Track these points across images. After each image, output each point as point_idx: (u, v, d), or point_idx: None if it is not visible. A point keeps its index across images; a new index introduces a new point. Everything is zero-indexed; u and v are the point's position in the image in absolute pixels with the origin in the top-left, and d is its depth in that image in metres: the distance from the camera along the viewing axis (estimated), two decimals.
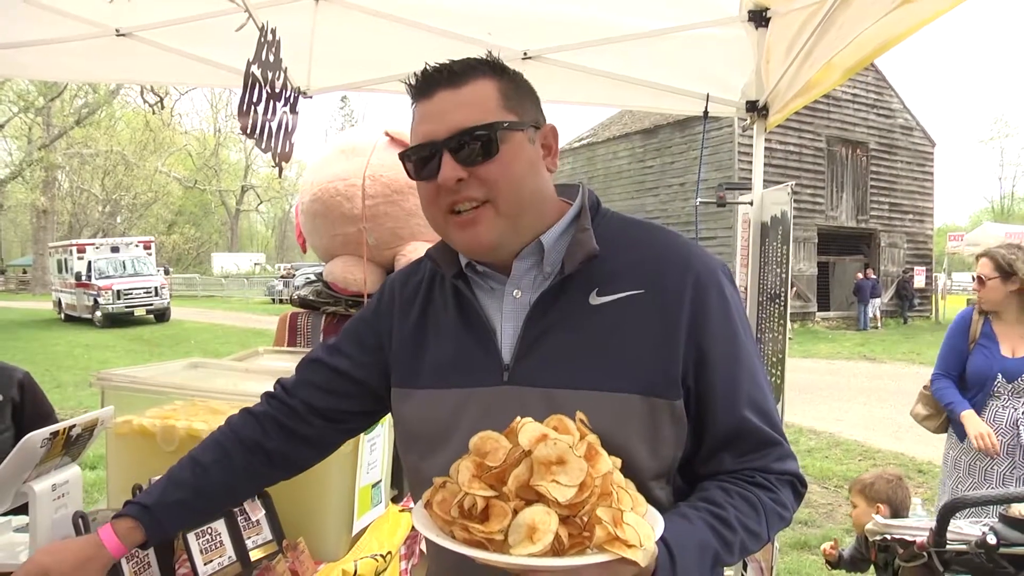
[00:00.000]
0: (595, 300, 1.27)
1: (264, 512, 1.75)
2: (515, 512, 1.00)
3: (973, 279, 3.74)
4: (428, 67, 1.30)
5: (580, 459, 1.01)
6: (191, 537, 1.59)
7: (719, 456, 1.27)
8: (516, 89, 1.32)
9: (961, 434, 3.65)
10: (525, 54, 3.18)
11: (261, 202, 61.02)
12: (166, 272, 29.84)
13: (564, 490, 0.99)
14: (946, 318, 25.70)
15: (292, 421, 1.45)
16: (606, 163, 27.51)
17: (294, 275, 3.31)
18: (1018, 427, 3.49)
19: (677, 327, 1.24)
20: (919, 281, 26.71)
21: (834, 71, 2.35)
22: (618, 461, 1.09)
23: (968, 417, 3.57)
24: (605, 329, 1.25)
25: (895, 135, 26.83)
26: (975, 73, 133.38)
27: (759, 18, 2.75)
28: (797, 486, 1.31)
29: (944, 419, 3.79)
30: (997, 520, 2.39)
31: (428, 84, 1.29)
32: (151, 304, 24.47)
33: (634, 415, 1.21)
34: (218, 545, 1.64)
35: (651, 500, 1.18)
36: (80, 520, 1.50)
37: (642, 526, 1.01)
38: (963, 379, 3.72)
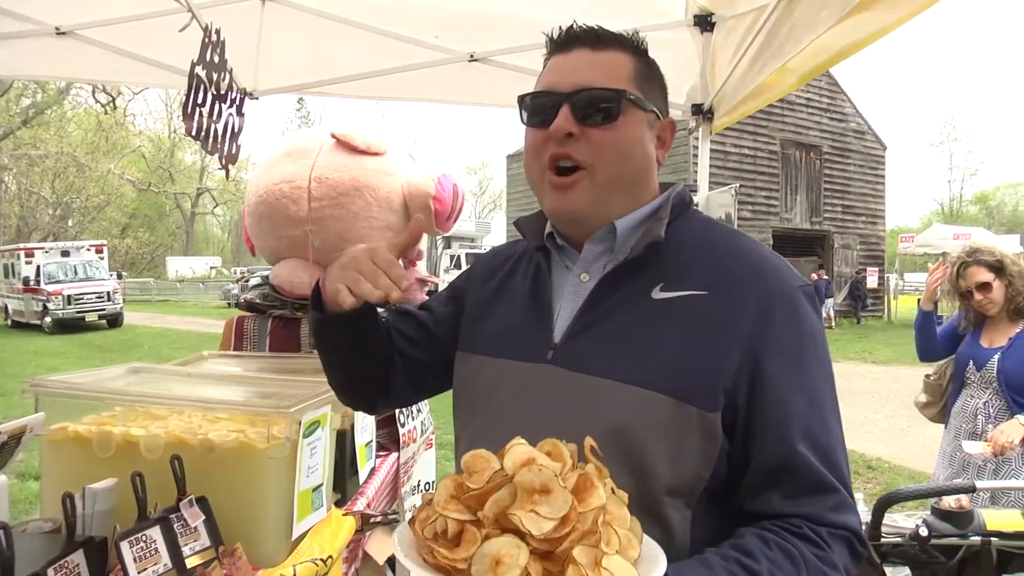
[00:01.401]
0: (657, 295, 1.23)
1: (203, 518, 1.72)
2: (486, 539, 0.91)
3: (962, 293, 3.76)
4: (574, 24, 1.31)
5: (565, 490, 0.92)
6: (124, 545, 1.55)
7: (767, 494, 1.14)
8: (650, 73, 1.33)
9: (949, 424, 3.79)
10: (472, 56, 3.18)
11: (217, 205, 60.08)
12: (119, 276, 29.22)
13: (541, 522, 0.89)
14: (898, 318, 26.21)
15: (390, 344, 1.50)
16: None
17: (249, 279, 3.26)
18: (977, 417, 3.59)
19: (733, 336, 1.16)
20: (872, 281, 27.24)
21: (789, 76, 2.39)
22: (624, 496, 1.00)
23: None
24: (659, 325, 1.21)
25: (848, 139, 27.37)
26: (925, 78, 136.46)
27: (704, 23, 2.79)
28: (855, 544, 1.14)
29: (942, 407, 3.89)
30: (929, 513, 2.46)
31: (568, 39, 1.30)
32: (103, 309, 23.95)
33: (661, 418, 1.15)
34: (153, 553, 1.61)
35: (660, 519, 1.14)
36: (2, 532, 1.46)
37: (625, 573, 0.90)
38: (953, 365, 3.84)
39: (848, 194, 27.41)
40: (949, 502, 2.42)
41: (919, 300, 4.01)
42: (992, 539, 2.38)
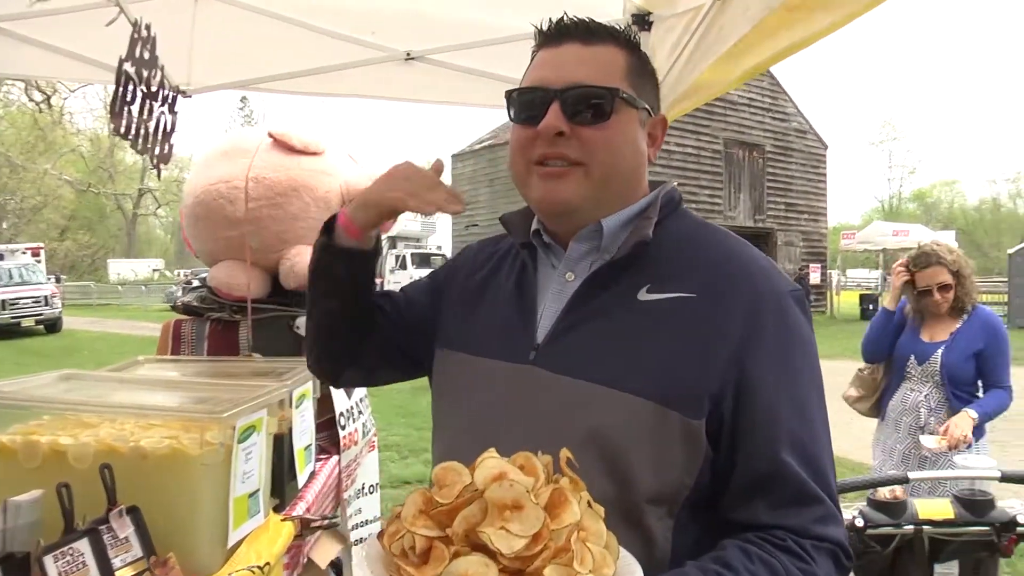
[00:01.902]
0: (644, 296, 1.19)
1: (133, 528, 1.67)
2: (455, 557, 0.87)
3: (915, 290, 3.79)
4: (564, 16, 1.26)
5: (537, 507, 0.88)
6: (48, 560, 1.50)
7: (752, 504, 1.11)
8: (642, 69, 1.29)
9: (886, 416, 3.86)
10: (408, 55, 3.16)
11: (160, 206, 58.86)
12: (57, 280, 28.46)
13: (511, 540, 0.85)
14: (840, 313, 26.82)
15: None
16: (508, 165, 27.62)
17: (193, 281, 3.19)
18: (919, 409, 3.67)
19: (721, 341, 1.13)
20: (815, 278, 27.82)
21: (726, 75, 2.41)
22: (600, 510, 0.96)
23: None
24: (645, 328, 1.17)
25: (790, 138, 27.91)
26: (865, 79, 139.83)
27: (642, 22, 2.80)
28: (840, 557, 1.10)
29: (875, 401, 3.95)
30: (865, 503, 2.51)
31: (559, 33, 1.26)
32: (40, 314, 23.25)
33: (643, 423, 1.11)
34: (80, 566, 1.55)
35: (641, 527, 1.11)
36: None
37: None
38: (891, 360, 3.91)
39: (791, 192, 27.96)
40: (884, 493, 2.47)
41: (880, 299, 4.09)
42: (924, 528, 2.44)
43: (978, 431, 3.63)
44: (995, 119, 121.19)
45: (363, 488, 3.08)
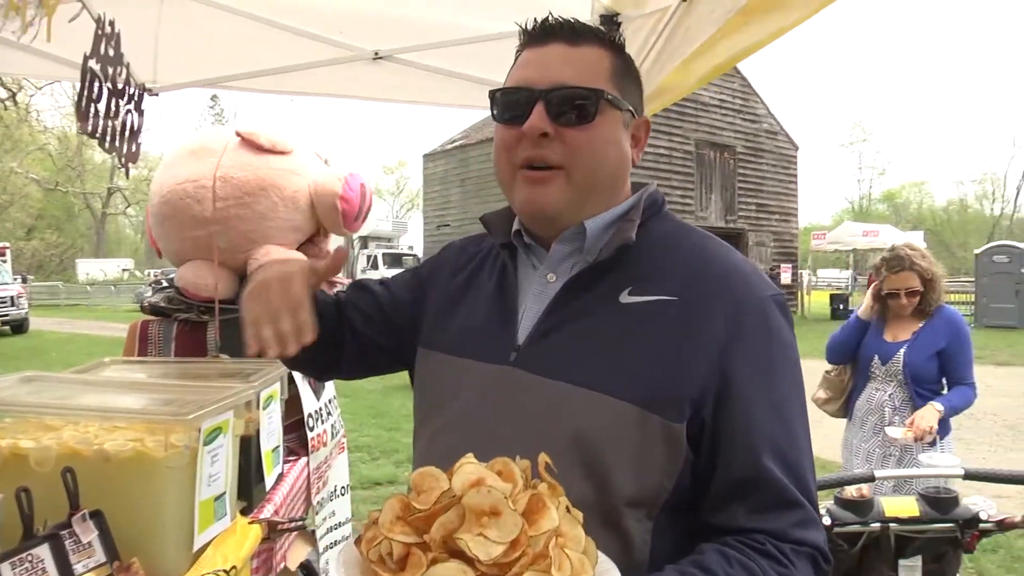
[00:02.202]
0: (625, 299, 1.19)
1: (96, 532, 1.65)
2: (432, 564, 0.86)
3: (883, 292, 3.83)
4: (549, 16, 1.25)
5: (515, 513, 0.87)
6: (6, 567, 1.47)
7: (731, 508, 1.11)
8: (627, 70, 1.28)
9: (853, 416, 3.91)
10: (376, 54, 3.15)
11: (129, 205, 58.06)
12: (23, 280, 28.01)
13: (489, 546, 0.84)
14: (811, 312, 27.09)
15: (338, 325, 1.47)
16: (480, 165, 27.58)
17: (163, 281, 3.15)
18: (884, 408, 3.72)
19: (703, 345, 1.13)
20: (786, 278, 28.06)
21: (690, 76, 2.43)
22: (579, 515, 0.95)
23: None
24: (627, 330, 1.16)
25: (761, 139, 28.14)
26: (835, 81, 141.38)
27: (610, 23, 2.81)
28: (819, 561, 1.10)
29: (843, 402, 3.99)
30: (832, 502, 2.53)
31: (544, 32, 1.25)
32: (6, 315, 22.86)
33: (625, 427, 1.11)
34: (40, 573, 1.52)
35: (619, 530, 1.10)
36: None
37: None
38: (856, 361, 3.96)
39: (762, 193, 28.19)
40: (851, 491, 2.50)
41: (851, 299, 4.13)
42: (891, 525, 2.46)
43: (943, 429, 3.69)
44: (962, 121, 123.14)
45: (335, 490, 3.06)
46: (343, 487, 3.16)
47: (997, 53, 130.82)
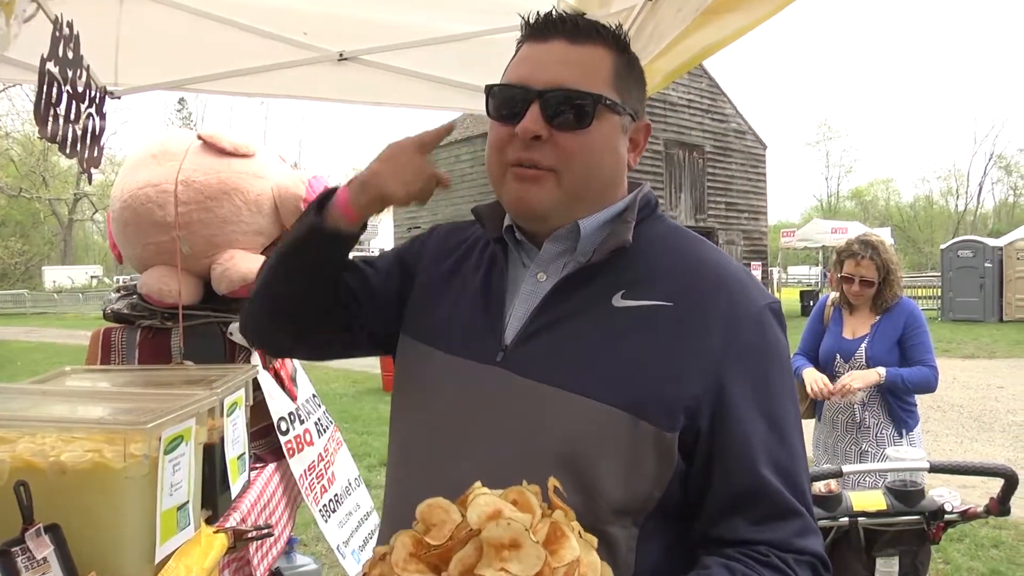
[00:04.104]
0: (619, 303, 1.16)
1: (52, 547, 1.60)
2: None
3: (830, 274, 3.89)
4: (553, 11, 1.21)
5: (537, 545, 0.83)
6: None
7: (731, 520, 1.09)
8: (630, 72, 1.24)
9: (822, 416, 3.94)
10: (341, 55, 3.13)
11: (97, 211, 57.18)
12: None
13: None
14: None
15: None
16: (449, 166, 27.49)
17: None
18: (853, 405, 3.75)
19: (698, 354, 1.10)
20: (756, 276, 28.30)
21: (655, 75, 2.43)
22: (593, 540, 0.91)
23: (806, 372, 3.84)
24: (619, 335, 1.13)
25: (729, 138, 28.39)
26: (801, 81, 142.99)
27: None
28: (820, 569, 1.09)
29: (809, 404, 4.00)
30: None
31: (547, 27, 1.20)
32: None
33: (615, 433, 1.08)
34: None
35: (605, 537, 1.06)
36: None
37: None
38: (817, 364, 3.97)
39: (731, 192, 28.44)
40: (819, 487, 2.51)
41: (819, 293, 4.17)
42: (859, 519, 2.48)
43: (911, 420, 3.74)
44: (927, 119, 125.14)
45: (349, 484, 3.02)
46: (355, 479, 3.12)
47: (959, 52, 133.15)
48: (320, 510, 2.74)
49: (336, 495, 2.80)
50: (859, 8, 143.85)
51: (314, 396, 2.98)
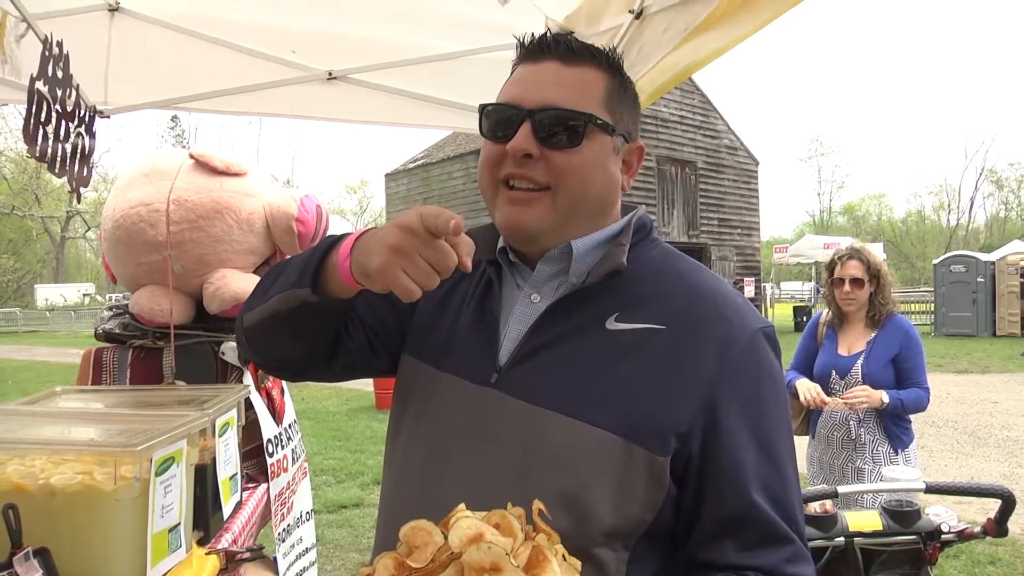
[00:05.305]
0: (612, 325, 1.16)
1: (42, 571, 1.58)
2: None
3: (823, 283, 3.90)
4: (548, 32, 1.22)
5: (518, 569, 0.83)
6: None
7: (721, 544, 1.09)
8: (622, 94, 1.25)
9: (816, 433, 3.93)
10: (330, 74, 3.13)
11: (89, 228, 57.08)
12: None
13: None
14: (775, 324, 27.41)
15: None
16: (441, 184, 27.53)
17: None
18: (848, 422, 3.74)
19: (691, 378, 1.11)
20: (749, 291, 28.32)
21: (639, 94, 2.44)
22: (577, 564, 0.92)
23: (799, 383, 3.85)
24: (612, 358, 1.14)
25: (721, 154, 28.48)
26: (793, 97, 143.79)
27: None
28: None
29: (803, 419, 4.00)
30: None
31: (540, 49, 1.21)
32: None
33: (608, 457, 1.08)
34: None
35: (595, 560, 1.06)
36: None
37: None
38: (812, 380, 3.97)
39: (724, 208, 28.50)
40: (814, 507, 2.50)
41: (812, 310, 4.19)
42: (855, 539, 2.47)
43: (906, 437, 3.73)
44: (919, 134, 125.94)
45: (301, 516, 3.00)
46: (307, 512, 3.10)
47: (949, 67, 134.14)
48: (277, 536, 2.71)
49: (288, 525, 2.77)
50: (851, 24, 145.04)
51: (292, 424, 2.96)
